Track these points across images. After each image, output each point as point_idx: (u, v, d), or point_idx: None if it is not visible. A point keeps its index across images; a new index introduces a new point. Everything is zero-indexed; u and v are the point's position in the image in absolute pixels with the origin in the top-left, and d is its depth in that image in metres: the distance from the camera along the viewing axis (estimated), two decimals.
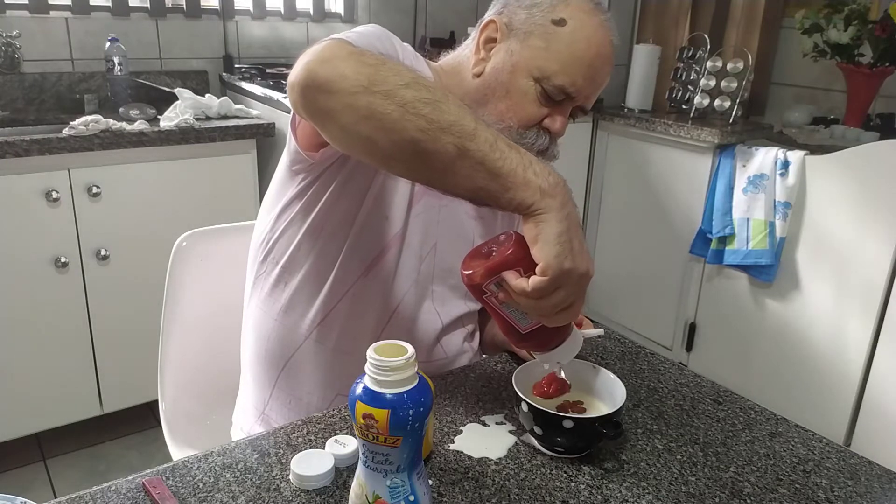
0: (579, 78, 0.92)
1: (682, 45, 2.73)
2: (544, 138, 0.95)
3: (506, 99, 0.94)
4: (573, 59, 0.91)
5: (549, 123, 0.95)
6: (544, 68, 0.92)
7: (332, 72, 0.68)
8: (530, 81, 0.93)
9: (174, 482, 0.74)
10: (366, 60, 0.69)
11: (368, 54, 0.70)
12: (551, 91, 0.92)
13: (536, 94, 0.93)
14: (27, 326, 1.88)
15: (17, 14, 2.17)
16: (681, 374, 1.03)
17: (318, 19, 2.72)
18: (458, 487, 0.75)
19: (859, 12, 2.28)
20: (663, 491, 0.76)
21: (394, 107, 0.67)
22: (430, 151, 0.67)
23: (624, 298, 2.86)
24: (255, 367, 1.07)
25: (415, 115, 0.66)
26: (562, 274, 0.67)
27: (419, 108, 0.67)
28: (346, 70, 0.68)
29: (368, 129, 0.68)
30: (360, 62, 0.69)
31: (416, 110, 0.67)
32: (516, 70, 0.93)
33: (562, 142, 0.99)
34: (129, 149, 1.90)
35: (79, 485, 1.86)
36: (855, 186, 2.05)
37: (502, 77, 0.94)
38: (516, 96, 0.94)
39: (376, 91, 0.67)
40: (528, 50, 0.93)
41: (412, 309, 1.02)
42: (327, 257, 0.98)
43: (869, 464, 0.83)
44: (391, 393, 0.61)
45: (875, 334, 2.04)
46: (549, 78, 0.92)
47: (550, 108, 0.94)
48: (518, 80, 0.93)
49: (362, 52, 0.70)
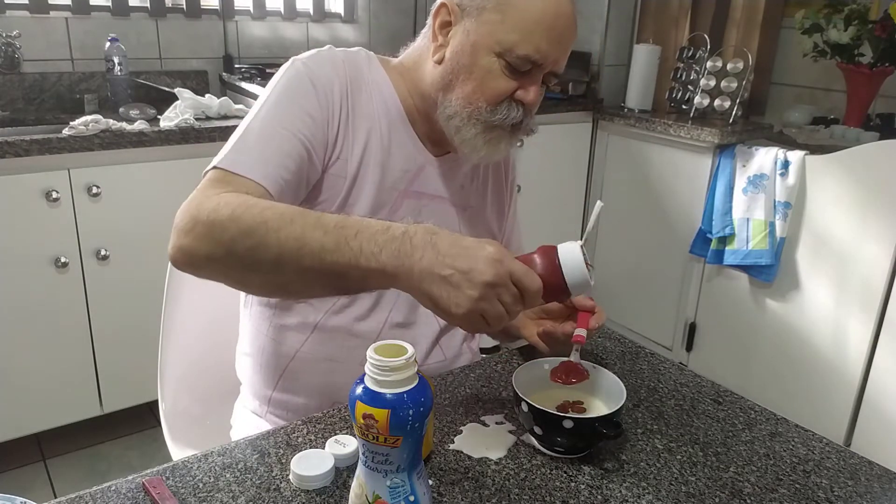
0: (543, 43, 0.89)
1: (682, 45, 2.73)
2: (517, 111, 0.93)
3: (471, 80, 0.92)
4: (532, 24, 0.88)
5: (522, 95, 0.92)
6: (504, 41, 0.89)
7: (194, 251, 0.78)
8: (492, 57, 0.90)
9: (174, 482, 0.74)
10: (215, 234, 0.76)
11: (220, 214, 0.76)
12: (516, 63, 0.90)
13: (501, 68, 0.90)
14: (27, 326, 1.88)
15: (17, 14, 2.17)
16: (681, 374, 1.03)
17: (318, 19, 2.72)
18: (458, 487, 0.75)
19: (859, 12, 2.28)
20: (663, 491, 0.76)
21: (241, 267, 0.77)
22: (291, 282, 0.77)
23: (624, 298, 2.86)
24: (252, 378, 1.06)
25: (260, 263, 0.75)
26: (474, 307, 0.69)
27: (260, 256, 0.74)
28: (202, 249, 0.77)
29: (240, 276, 0.80)
30: (209, 236, 0.76)
31: (257, 260, 0.75)
32: (476, 49, 0.91)
33: (561, 141, 0.99)
34: (129, 149, 1.90)
35: (79, 485, 1.85)
36: (855, 186, 2.05)
37: (463, 59, 0.92)
38: (481, 75, 0.91)
39: (235, 254, 0.76)
40: (485, 26, 0.90)
41: (407, 313, 1.01)
42: None
43: (869, 464, 0.83)
44: (391, 393, 0.61)
45: (875, 334, 2.04)
46: (510, 50, 0.89)
47: (520, 80, 0.92)
48: (480, 59, 0.91)
49: (211, 223, 0.76)
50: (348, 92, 0.95)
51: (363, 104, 0.97)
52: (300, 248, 0.73)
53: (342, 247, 0.72)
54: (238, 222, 0.75)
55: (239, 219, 0.75)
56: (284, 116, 0.90)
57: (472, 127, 0.93)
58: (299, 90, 0.92)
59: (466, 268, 0.69)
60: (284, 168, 0.87)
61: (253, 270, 0.77)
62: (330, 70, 0.94)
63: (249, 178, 0.84)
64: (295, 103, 0.91)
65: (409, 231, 0.72)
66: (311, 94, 0.92)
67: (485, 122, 0.92)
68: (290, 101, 0.91)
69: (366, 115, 0.97)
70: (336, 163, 0.94)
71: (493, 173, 1.13)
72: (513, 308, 0.71)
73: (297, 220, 0.74)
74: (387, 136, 0.98)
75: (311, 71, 0.93)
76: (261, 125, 0.89)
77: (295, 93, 0.91)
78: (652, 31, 2.87)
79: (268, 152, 0.87)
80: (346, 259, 0.72)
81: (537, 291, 0.72)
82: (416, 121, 1.01)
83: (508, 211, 1.17)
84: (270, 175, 0.85)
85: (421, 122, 1.01)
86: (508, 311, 0.71)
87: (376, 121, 0.97)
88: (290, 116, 0.90)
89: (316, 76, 0.93)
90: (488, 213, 1.11)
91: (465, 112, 0.93)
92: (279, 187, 0.86)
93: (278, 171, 0.86)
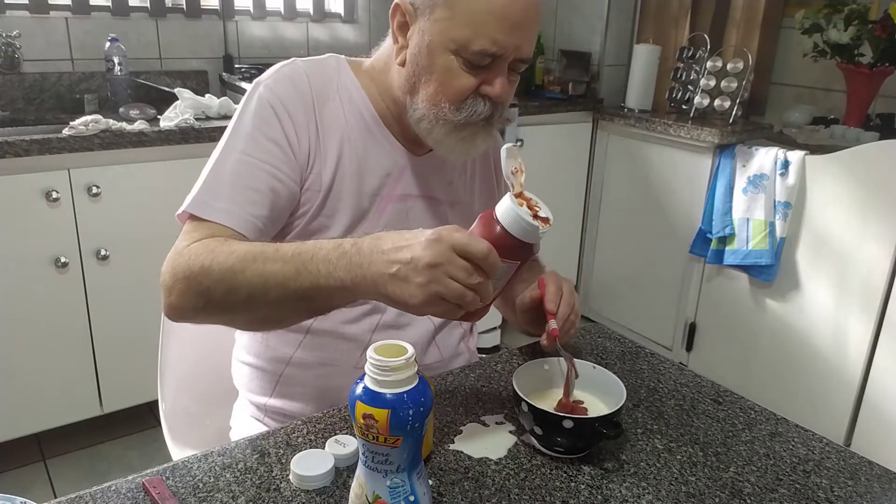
0: (497, 34, 0.85)
1: (682, 45, 2.73)
2: (483, 105, 0.90)
3: (432, 81, 0.89)
4: (483, 16, 0.84)
5: (487, 90, 0.89)
6: (457, 38, 0.85)
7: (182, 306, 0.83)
8: (449, 56, 0.87)
9: (174, 482, 0.74)
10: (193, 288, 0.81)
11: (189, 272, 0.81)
12: (474, 58, 0.86)
13: (460, 66, 0.87)
14: (27, 326, 1.88)
15: (17, 14, 2.17)
16: (681, 374, 1.03)
17: (318, 19, 2.72)
18: (458, 487, 0.75)
19: (859, 12, 2.28)
20: (663, 491, 0.76)
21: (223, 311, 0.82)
22: (268, 315, 0.82)
23: (624, 298, 2.86)
24: (249, 385, 1.06)
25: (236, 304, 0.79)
26: (428, 293, 0.69)
27: (234, 299, 0.79)
28: (187, 303, 0.83)
29: (226, 319, 0.86)
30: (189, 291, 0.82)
31: (233, 302, 0.79)
32: (432, 49, 0.88)
33: (561, 141, 0.99)
34: (129, 149, 1.90)
35: (79, 485, 1.85)
36: (855, 186, 2.05)
37: (422, 61, 0.89)
38: (441, 75, 0.89)
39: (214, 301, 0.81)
40: (437, 24, 0.87)
41: (397, 314, 1.01)
42: None
43: (869, 464, 0.83)
44: (391, 393, 0.61)
45: (875, 334, 2.04)
46: (465, 46, 0.85)
47: (483, 74, 0.88)
48: (437, 59, 0.88)
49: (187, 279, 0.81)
50: (314, 106, 0.94)
51: (333, 114, 0.96)
52: (265, 283, 0.77)
53: (302, 273, 0.76)
54: (208, 273, 0.80)
55: (209, 270, 0.80)
56: (252, 150, 0.90)
57: (441, 128, 0.91)
58: (263, 119, 0.92)
59: (407, 258, 0.69)
60: (257, 206, 0.89)
61: (233, 312, 0.82)
62: (292, 89, 0.93)
63: (222, 224, 0.87)
64: (260, 133, 0.91)
65: (358, 242, 0.74)
66: (275, 120, 0.91)
67: (452, 122, 0.90)
68: (255, 131, 0.91)
69: (336, 126, 0.96)
70: (310, 177, 0.94)
71: (480, 166, 1.11)
72: (469, 280, 0.69)
73: (259, 258, 0.78)
74: (361, 143, 0.97)
75: (274, 95, 0.93)
76: (231, 164, 0.90)
77: (259, 122, 0.91)
78: (652, 31, 2.87)
79: (238, 196, 0.88)
80: (308, 283, 0.75)
81: (486, 253, 0.69)
82: (392, 123, 0.99)
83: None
84: (242, 219, 0.88)
85: (397, 124, 0.99)
86: (469, 286, 0.69)
87: (348, 129, 0.96)
88: (257, 149, 0.90)
89: (278, 99, 0.92)
90: (476, 208, 1.09)
91: (432, 114, 0.91)
92: (255, 227, 0.89)
93: (250, 212, 0.88)
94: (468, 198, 1.09)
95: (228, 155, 0.91)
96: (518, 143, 2.59)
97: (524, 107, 2.59)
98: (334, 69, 0.99)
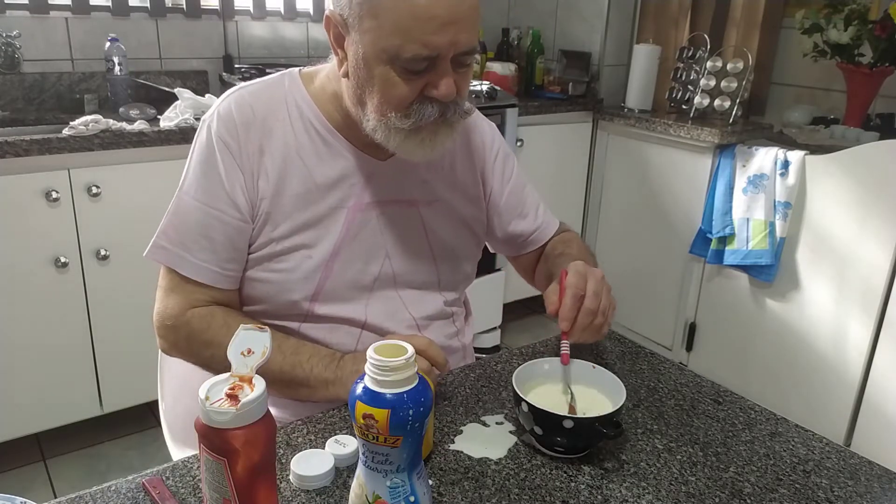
0: (427, 36, 0.80)
1: (682, 45, 2.73)
2: (431, 108, 0.86)
3: (376, 92, 0.86)
4: (408, 21, 0.80)
5: (433, 93, 0.85)
6: (388, 48, 0.82)
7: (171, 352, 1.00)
8: (385, 66, 0.84)
9: (174, 482, 0.74)
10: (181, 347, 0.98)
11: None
12: (409, 65, 0.83)
13: (398, 74, 0.84)
14: (27, 326, 1.88)
15: (17, 14, 2.17)
16: (681, 374, 1.03)
17: (317, 19, 2.72)
18: (458, 487, 0.75)
19: (859, 12, 2.28)
20: (663, 491, 0.76)
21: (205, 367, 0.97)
22: None
23: (624, 298, 2.86)
24: None
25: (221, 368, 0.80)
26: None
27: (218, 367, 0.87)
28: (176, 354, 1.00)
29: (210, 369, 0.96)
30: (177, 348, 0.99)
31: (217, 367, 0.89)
32: (367, 61, 0.85)
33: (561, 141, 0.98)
34: (129, 149, 1.90)
35: (79, 485, 1.86)
36: (855, 186, 2.05)
37: (361, 73, 0.87)
38: (381, 86, 0.85)
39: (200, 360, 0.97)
40: (367, 35, 0.83)
41: (382, 318, 1.01)
42: (271, 299, 0.98)
43: (869, 464, 0.83)
44: (391, 393, 0.61)
45: (875, 334, 2.04)
46: (398, 55, 0.82)
47: (424, 77, 0.85)
48: (374, 71, 0.85)
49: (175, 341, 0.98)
50: (261, 134, 0.95)
51: (281, 137, 0.95)
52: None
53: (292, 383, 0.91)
54: (207, 364, 0.95)
55: (207, 363, 0.95)
56: (206, 199, 0.94)
57: (394, 136, 0.89)
58: (210, 161, 0.94)
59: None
60: (223, 259, 0.95)
61: (216, 371, 0.87)
62: (233, 124, 0.94)
63: (196, 280, 0.95)
64: (210, 177, 0.94)
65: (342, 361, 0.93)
66: (217, 161, 0.94)
67: (403, 129, 0.88)
68: (205, 175, 0.95)
69: (287, 148, 0.95)
70: (261, 206, 0.95)
71: (461, 154, 1.07)
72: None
73: None
74: (315, 159, 0.96)
75: (217, 133, 0.94)
76: (194, 214, 0.95)
77: (208, 165, 0.95)
78: (652, 31, 2.87)
79: (205, 253, 0.94)
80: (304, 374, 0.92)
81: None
82: (351, 132, 0.96)
83: (489, 191, 1.12)
84: (215, 272, 0.95)
85: (356, 132, 0.95)
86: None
87: (300, 148, 0.95)
88: (210, 198, 0.94)
89: (220, 138, 0.94)
90: (458, 202, 1.06)
91: (382, 124, 0.88)
92: (226, 278, 0.96)
93: (220, 266, 0.95)
94: (447, 193, 1.05)
95: (189, 202, 0.95)
96: (518, 143, 2.59)
97: (524, 107, 2.59)
98: (285, 88, 0.98)
